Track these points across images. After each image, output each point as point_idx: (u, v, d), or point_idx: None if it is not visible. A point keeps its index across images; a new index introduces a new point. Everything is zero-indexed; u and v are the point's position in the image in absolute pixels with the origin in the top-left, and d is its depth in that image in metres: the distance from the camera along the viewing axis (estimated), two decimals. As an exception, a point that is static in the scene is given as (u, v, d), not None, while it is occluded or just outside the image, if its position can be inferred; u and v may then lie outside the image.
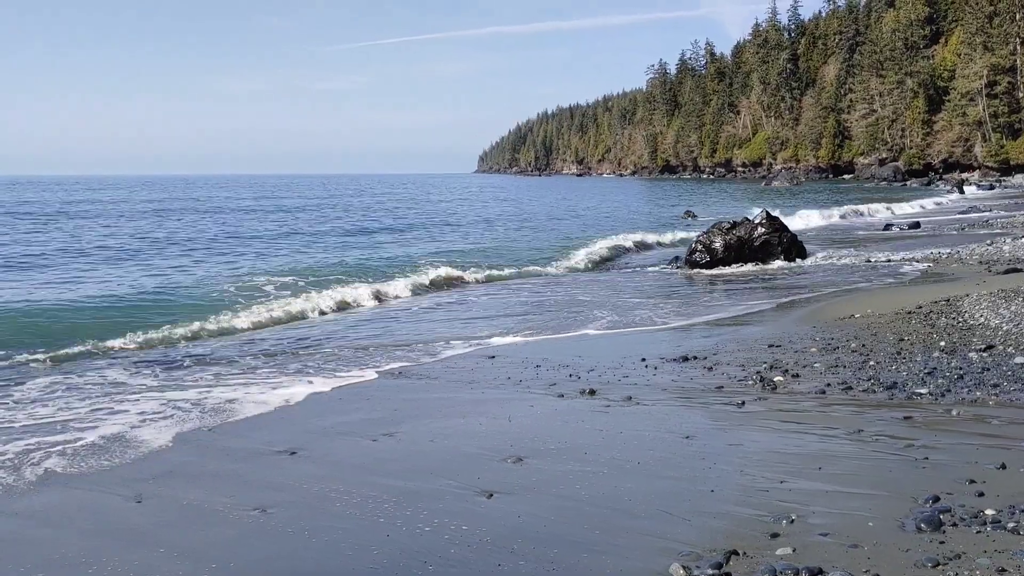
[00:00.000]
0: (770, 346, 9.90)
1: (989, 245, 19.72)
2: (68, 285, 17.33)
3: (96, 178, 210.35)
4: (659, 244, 26.63)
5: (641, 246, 25.92)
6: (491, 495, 5.56)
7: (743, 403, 7.52)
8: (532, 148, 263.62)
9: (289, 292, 15.63)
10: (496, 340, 11.27)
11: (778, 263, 19.67)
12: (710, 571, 4.34)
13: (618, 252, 24.14)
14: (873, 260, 19.39)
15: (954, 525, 4.72)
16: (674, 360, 9.45)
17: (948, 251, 19.62)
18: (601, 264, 21.91)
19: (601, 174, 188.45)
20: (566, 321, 12.77)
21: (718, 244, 19.73)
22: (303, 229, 34.09)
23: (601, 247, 24.05)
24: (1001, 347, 8.93)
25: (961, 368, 8.21)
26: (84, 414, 7.85)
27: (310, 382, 9.08)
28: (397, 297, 16.12)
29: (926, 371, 8.18)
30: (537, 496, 5.54)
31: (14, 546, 5.05)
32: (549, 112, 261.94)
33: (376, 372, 9.57)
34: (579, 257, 22.34)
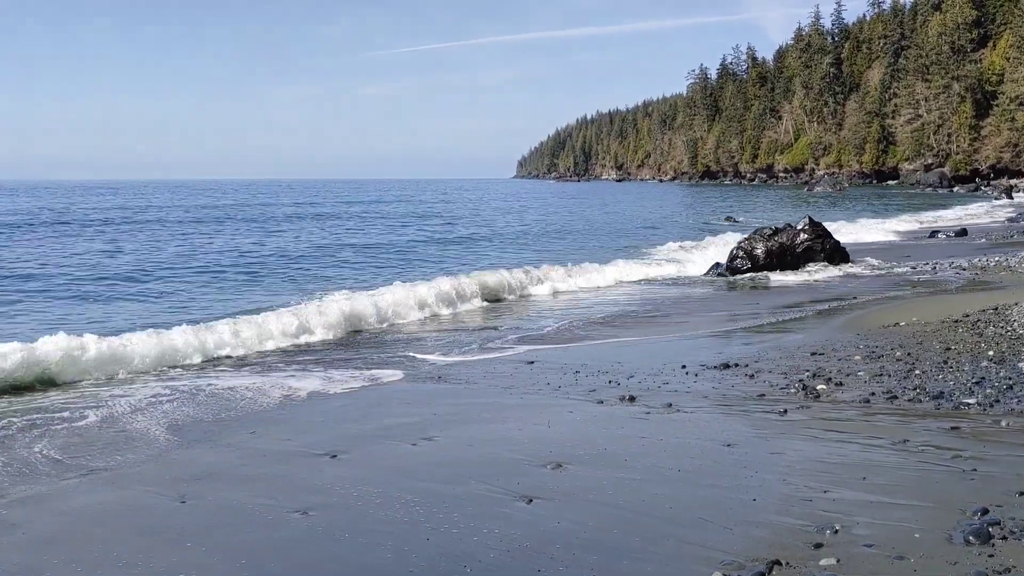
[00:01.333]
0: (813, 354, 9.78)
1: (1039, 252, 19.30)
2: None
3: (150, 182, 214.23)
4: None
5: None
6: (530, 500, 5.56)
7: (785, 411, 7.44)
8: (571, 153, 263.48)
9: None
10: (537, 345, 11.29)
11: (821, 270, 19.43)
12: (752, 581, 4.29)
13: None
14: (919, 267, 19.07)
15: (1004, 538, 4.61)
16: (715, 367, 9.37)
17: (996, 259, 19.23)
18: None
19: (641, 179, 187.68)
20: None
21: (760, 250, 19.55)
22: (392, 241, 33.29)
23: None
24: (1052, 357, 8.72)
25: (1010, 378, 8.04)
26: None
27: (330, 379, 9.18)
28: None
29: (974, 381, 8.02)
30: (576, 502, 5.52)
31: (63, 545, 5.14)
32: (588, 117, 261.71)
33: (412, 375, 9.62)
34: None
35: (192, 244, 29.86)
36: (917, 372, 8.55)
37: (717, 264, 20.55)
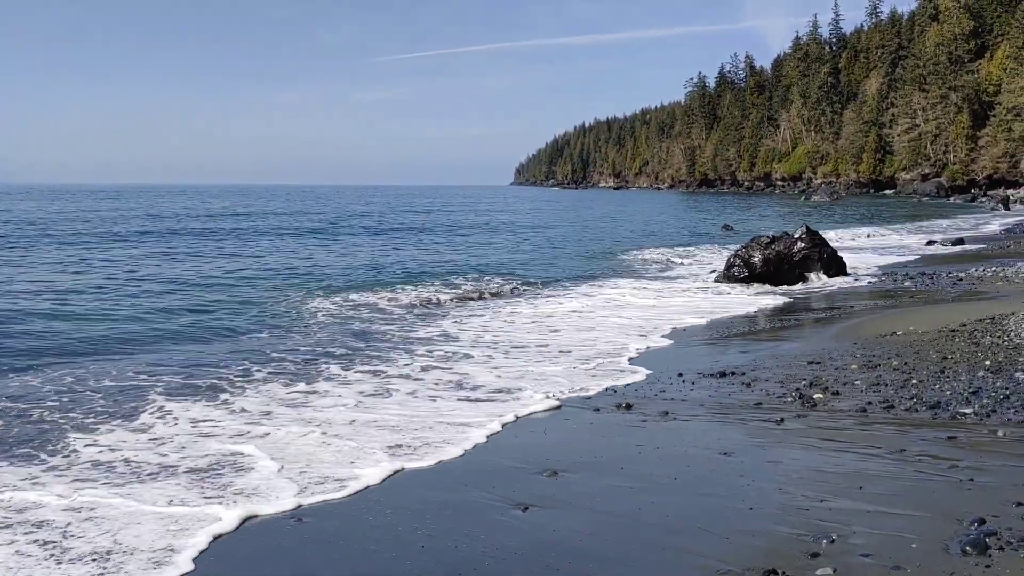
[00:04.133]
0: (810, 362, 9.77)
1: (1036, 263, 19.31)
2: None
3: (148, 187, 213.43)
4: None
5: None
6: (526, 508, 5.54)
7: (782, 420, 7.43)
8: (569, 161, 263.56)
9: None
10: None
11: (818, 278, 19.43)
12: (748, 590, 4.28)
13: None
14: (915, 277, 19.09)
15: (1000, 549, 4.60)
16: (712, 375, 9.36)
17: (993, 269, 19.25)
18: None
19: (638, 187, 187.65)
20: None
21: (757, 258, 19.52)
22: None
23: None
24: (1049, 367, 8.72)
25: (1007, 388, 8.03)
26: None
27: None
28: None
29: (971, 390, 8.02)
30: (573, 510, 5.51)
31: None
32: (587, 125, 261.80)
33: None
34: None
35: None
36: (914, 382, 8.55)
37: (713, 271, 20.57)
